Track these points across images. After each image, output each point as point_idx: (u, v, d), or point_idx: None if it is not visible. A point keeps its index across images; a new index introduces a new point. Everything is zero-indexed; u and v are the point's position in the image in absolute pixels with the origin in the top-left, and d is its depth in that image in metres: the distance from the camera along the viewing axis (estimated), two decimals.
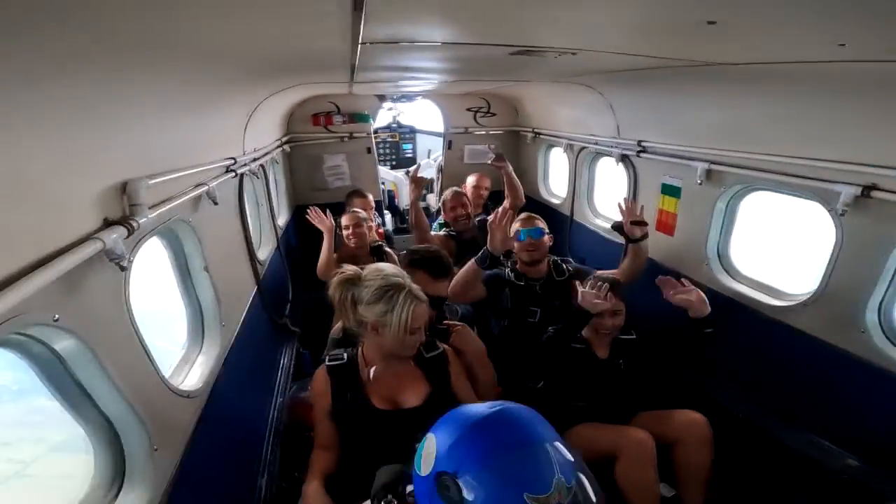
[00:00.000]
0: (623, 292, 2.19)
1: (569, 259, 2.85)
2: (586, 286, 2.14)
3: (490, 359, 2.09)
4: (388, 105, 5.09)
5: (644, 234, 2.54)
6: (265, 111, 2.97)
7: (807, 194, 2.02)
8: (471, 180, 4.21)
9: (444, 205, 3.61)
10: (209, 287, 1.96)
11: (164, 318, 2.17)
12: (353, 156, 4.58)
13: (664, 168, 2.82)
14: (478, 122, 4.86)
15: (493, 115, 4.84)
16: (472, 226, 3.59)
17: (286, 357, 2.83)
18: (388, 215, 5.19)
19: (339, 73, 2.34)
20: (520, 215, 2.73)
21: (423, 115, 6.00)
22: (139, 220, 1.28)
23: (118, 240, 1.17)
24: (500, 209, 2.35)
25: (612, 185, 3.74)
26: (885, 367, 1.75)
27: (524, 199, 3.62)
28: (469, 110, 4.80)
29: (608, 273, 2.42)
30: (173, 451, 1.39)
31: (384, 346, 1.70)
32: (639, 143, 2.95)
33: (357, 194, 4.15)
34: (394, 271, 1.73)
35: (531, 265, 2.62)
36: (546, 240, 2.62)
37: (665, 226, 2.85)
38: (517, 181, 3.54)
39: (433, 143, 6.09)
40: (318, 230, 3.24)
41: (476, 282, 2.44)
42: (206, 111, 1.90)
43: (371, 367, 1.74)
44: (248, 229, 2.64)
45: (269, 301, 2.84)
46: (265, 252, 3.15)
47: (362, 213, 3.54)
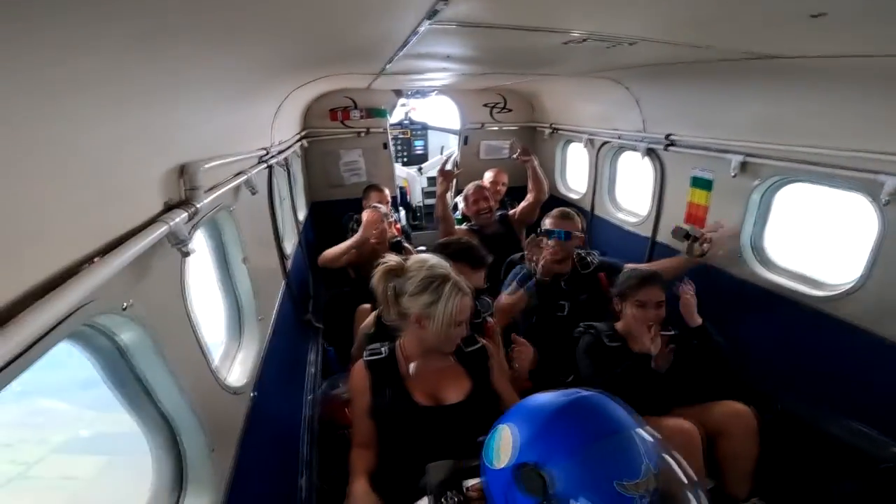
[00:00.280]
0: (665, 284, 2.17)
1: (592, 252, 2.82)
2: (652, 337, 2.10)
3: None
4: (401, 101, 5.05)
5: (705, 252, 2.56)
6: (290, 103, 2.93)
7: (849, 185, 2.02)
8: (488, 176, 4.19)
9: (466, 199, 3.58)
10: (247, 279, 1.92)
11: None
12: (369, 151, 4.55)
13: (693, 161, 2.81)
14: (494, 118, 4.84)
15: (510, 110, 4.82)
16: (494, 220, 3.56)
17: (313, 353, 2.80)
18: (401, 212, 5.16)
19: (374, 62, 2.30)
20: (553, 210, 2.70)
21: (435, 112, 5.97)
22: (198, 204, 1.25)
23: (181, 223, 1.13)
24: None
25: (632, 179, 3.74)
26: None
27: (547, 194, 3.59)
28: (485, 106, 4.78)
29: (642, 266, 2.40)
30: (228, 451, 1.34)
31: (426, 340, 1.65)
32: (667, 136, 2.93)
33: (374, 188, 4.12)
34: (438, 262, 1.69)
35: (555, 263, 2.60)
36: (573, 241, 2.61)
37: (695, 218, 2.83)
38: (542, 175, 3.52)
39: (445, 139, 6.06)
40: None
41: (522, 303, 2.47)
42: (249, 98, 1.87)
43: (411, 361, 1.70)
44: (276, 222, 2.60)
45: (297, 296, 2.80)
46: (289, 246, 3.12)
47: (384, 208, 3.50)
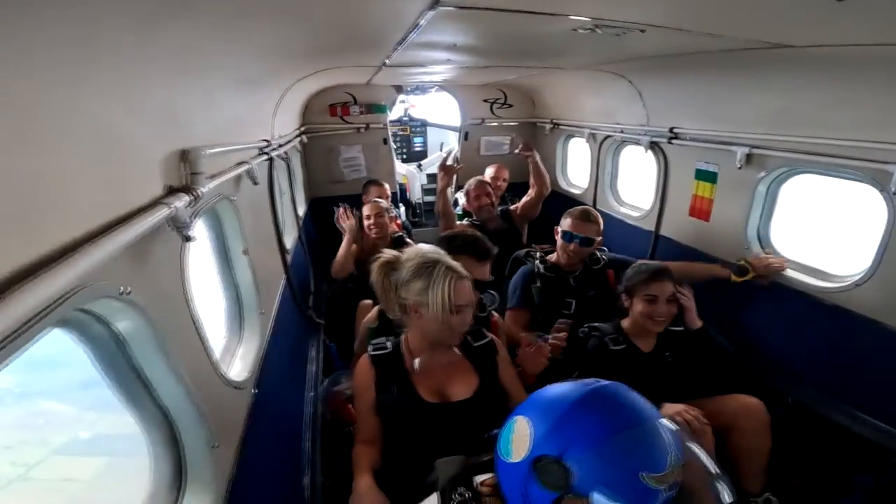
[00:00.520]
0: (675, 279, 2.13)
1: (603, 248, 2.79)
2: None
3: None
4: (400, 97, 5.02)
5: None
6: (289, 97, 2.90)
7: (857, 176, 2.00)
8: (489, 171, 4.17)
9: (468, 194, 3.55)
10: (248, 271, 1.89)
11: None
12: (369, 147, 4.52)
13: (698, 154, 2.79)
14: (494, 114, 4.81)
15: (510, 106, 4.79)
16: (496, 215, 3.54)
17: (314, 349, 2.76)
18: (401, 208, 5.13)
19: (376, 54, 2.27)
20: (575, 210, 2.57)
21: (434, 109, 5.95)
22: (200, 190, 1.21)
23: (183, 207, 1.10)
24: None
25: (634, 173, 3.72)
26: None
27: (549, 188, 3.57)
28: (486, 101, 4.75)
29: (652, 263, 2.33)
30: (231, 447, 1.31)
31: (429, 332, 1.61)
32: (671, 129, 2.92)
33: (374, 183, 4.11)
34: (432, 249, 1.66)
35: (568, 263, 2.56)
36: (594, 247, 2.55)
37: (700, 211, 2.82)
38: (544, 170, 3.49)
39: (445, 136, 6.03)
40: (334, 223, 3.16)
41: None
42: (250, 89, 1.85)
43: (416, 356, 1.66)
44: (277, 215, 2.56)
45: (298, 291, 2.77)
46: (290, 241, 3.08)
47: (384, 202, 3.48)
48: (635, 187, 3.71)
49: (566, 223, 2.52)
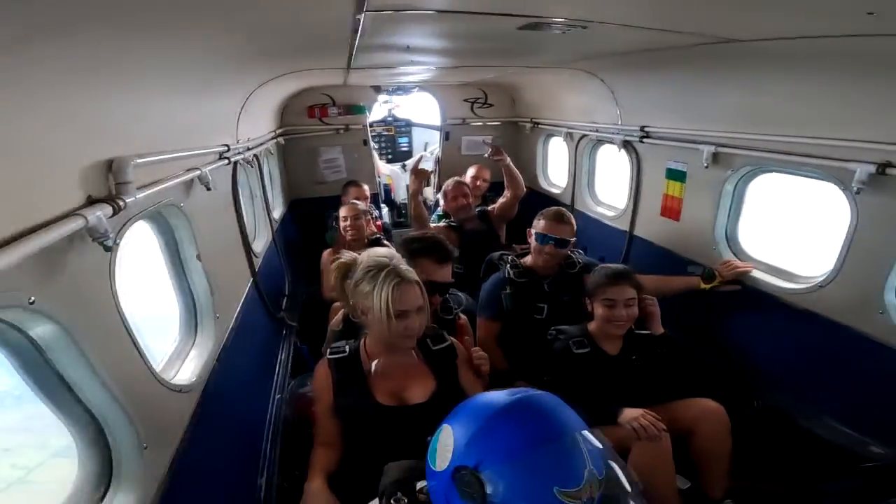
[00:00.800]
0: (637, 282, 2.09)
1: (579, 250, 2.75)
2: None
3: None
4: (383, 98, 5.01)
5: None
6: (259, 100, 2.88)
7: (820, 174, 1.97)
8: (470, 172, 4.17)
9: (446, 195, 3.53)
10: (202, 276, 1.88)
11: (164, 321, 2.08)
12: (349, 148, 4.52)
13: (668, 153, 2.77)
14: (475, 113, 4.80)
15: (491, 105, 4.78)
16: (473, 216, 3.52)
17: (284, 352, 2.76)
18: (384, 209, 5.12)
19: (336, 57, 2.25)
20: (548, 211, 2.50)
21: (419, 109, 5.94)
22: (126, 200, 1.20)
23: (102, 217, 1.08)
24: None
25: (613, 173, 3.70)
26: None
27: (525, 189, 3.55)
28: (466, 101, 4.74)
29: (614, 266, 2.28)
30: (165, 448, 1.32)
31: (380, 335, 1.61)
32: (642, 128, 2.90)
33: (353, 184, 4.10)
34: (385, 253, 1.66)
35: (544, 267, 2.51)
36: (569, 249, 2.50)
37: (671, 211, 2.80)
38: (517, 172, 3.47)
39: (430, 136, 6.02)
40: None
41: None
42: (199, 95, 1.83)
43: (374, 360, 1.65)
44: (242, 219, 2.55)
45: (266, 294, 2.76)
46: (260, 244, 3.08)
47: (362, 205, 3.47)
48: (613, 187, 3.69)
49: (540, 225, 2.46)
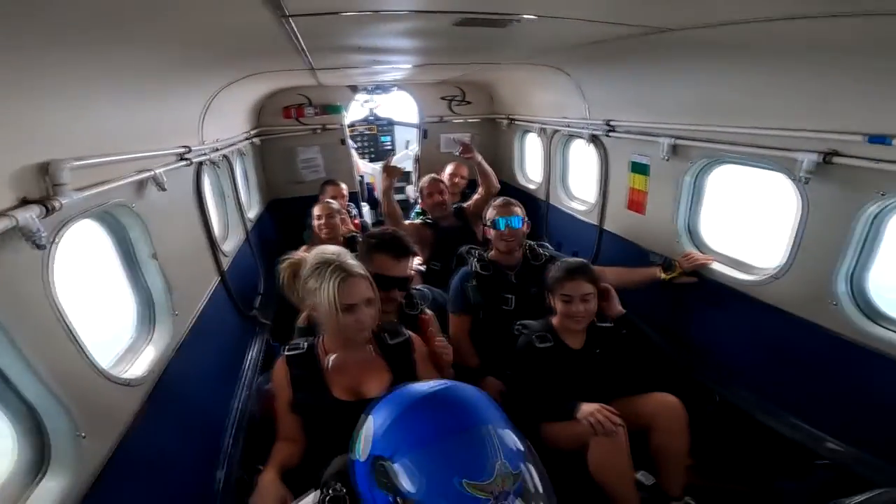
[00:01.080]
0: (595, 276, 2.10)
1: (545, 244, 2.79)
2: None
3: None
4: (364, 97, 5.02)
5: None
6: (227, 101, 2.89)
7: (770, 164, 1.99)
8: (448, 169, 4.19)
9: (422, 192, 3.57)
10: (158, 275, 1.90)
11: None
12: (327, 148, 4.53)
13: (632, 146, 2.78)
14: (453, 111, 4.81)
15: (469, 103, 4.79)
16: (450, 213, 3.54)
17: (254, 349, 2.77)
18: (365, 207, 5.13)
19: (291, 59, 2.26)
20: (496, 200, 2.61)
21: (400, 107, 5.94)
22: (62, 201, 1.23)
23: (32, 218, 1.11)
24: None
25: (584, 168, 3.71)
26: (858, 341, 1.69)
27: (499, 186, 3.57)
28: (443, 99, 4.75)
29: (571, 261, 2.27)
30: (106, 438, 1.35)
31: (334, 331, 1.65)
32: (607, 122, 2.91)
33: (330, 183, 4.12)
34: (333, 250, 1.69)
35: (507, 254, 2.55)
36: (524, 228, 2.54)
37: (636, 204, 2.81)
38: (489, 169, 3.49)
39: (411, 134, 6.03)
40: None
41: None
42: (150, 99, 1.85)
43: (330, 355, 1.68)
44: (208, 219, 2.57)
45: (236, 292, 2.77)
46: (232, 244, 3.09)
47: (335, 204, 3.49)
48: (585, 182, 3.71)
49: (491, 213, 2.54)
